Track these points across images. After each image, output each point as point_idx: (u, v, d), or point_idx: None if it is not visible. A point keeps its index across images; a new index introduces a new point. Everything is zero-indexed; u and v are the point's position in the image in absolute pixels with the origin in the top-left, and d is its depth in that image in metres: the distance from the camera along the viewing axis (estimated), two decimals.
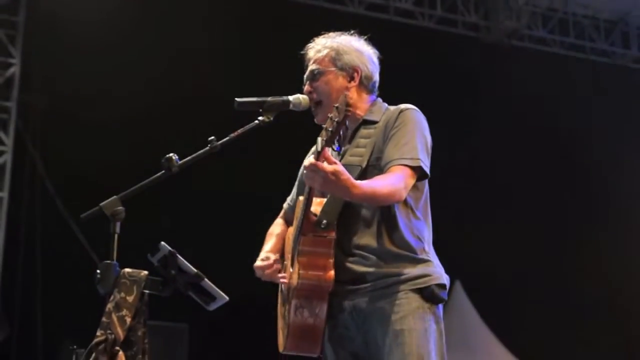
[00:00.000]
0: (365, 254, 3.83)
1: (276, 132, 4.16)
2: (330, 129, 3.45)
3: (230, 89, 4.03)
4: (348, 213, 3.82)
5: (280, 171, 5.40)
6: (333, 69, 4.03)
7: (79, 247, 9.81)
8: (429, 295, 3.80)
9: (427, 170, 3.85)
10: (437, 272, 3.88)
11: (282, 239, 4.28)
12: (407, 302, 3.76)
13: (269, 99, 3.88)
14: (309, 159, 3.55)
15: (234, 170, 9.66)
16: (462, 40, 11.99)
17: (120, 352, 3.32)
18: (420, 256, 3.87)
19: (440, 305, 3.87)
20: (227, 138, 3.75)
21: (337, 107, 3.44)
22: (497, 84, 11.39)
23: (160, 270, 3.49)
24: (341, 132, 3.46)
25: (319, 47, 4.10)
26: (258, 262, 4.07)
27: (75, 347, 3.77)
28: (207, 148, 3.72)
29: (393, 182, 3.71)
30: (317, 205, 3.81)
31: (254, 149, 7.57)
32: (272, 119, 3.86)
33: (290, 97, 3.93)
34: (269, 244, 4.24)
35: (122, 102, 9.93)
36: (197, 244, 8.32)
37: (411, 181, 3.78)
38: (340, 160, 3.86)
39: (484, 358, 11.90)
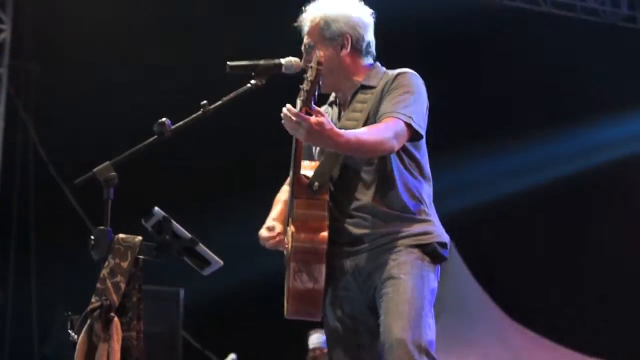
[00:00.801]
0: (365, 215, 3.83)
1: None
2: (306, 89, 3.50)
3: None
4: (347, 175, 3.83)
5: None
6: (323, 40, 4.00)
7: (73, 213, 9.82)
8: (430, 251, 3.81)
9: (421, 130, 3.82)
10: (437, 231, 3.88)
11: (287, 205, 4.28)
12: (407, 253, 3.76)
13: (261, 62, 3.85)
14: (289, 109, 3.51)
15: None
16: (454, 1, 11.91)
17: (115, 318, 3.32)
18: (421, 217, 3.87)
19: (439, 266, 3.87)
20: (220, 102, 3.72)
21: (310, 67, 3.49)
22: (490, 43, 11.36)
23: (155, 235, 3.48)
24: (316, 91, 3.50)
25: (311, 17, 4.07)
26: (263, 232, 4.03)
27: (70, 313, 3.76)
28: (200, 112, 3.69)
29: (380, 131, 3.69)
30: (310, 168, 3.83)
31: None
32: (264, 82, 3.83)
33: (282, 60, 3.89)
34: (275, 210, 4.21)
35: (114, 66, 9.89)
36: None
37: (402, 133, 3.74)
38: (337, 125, 3.86)
39: (479, 322, 11.93)
